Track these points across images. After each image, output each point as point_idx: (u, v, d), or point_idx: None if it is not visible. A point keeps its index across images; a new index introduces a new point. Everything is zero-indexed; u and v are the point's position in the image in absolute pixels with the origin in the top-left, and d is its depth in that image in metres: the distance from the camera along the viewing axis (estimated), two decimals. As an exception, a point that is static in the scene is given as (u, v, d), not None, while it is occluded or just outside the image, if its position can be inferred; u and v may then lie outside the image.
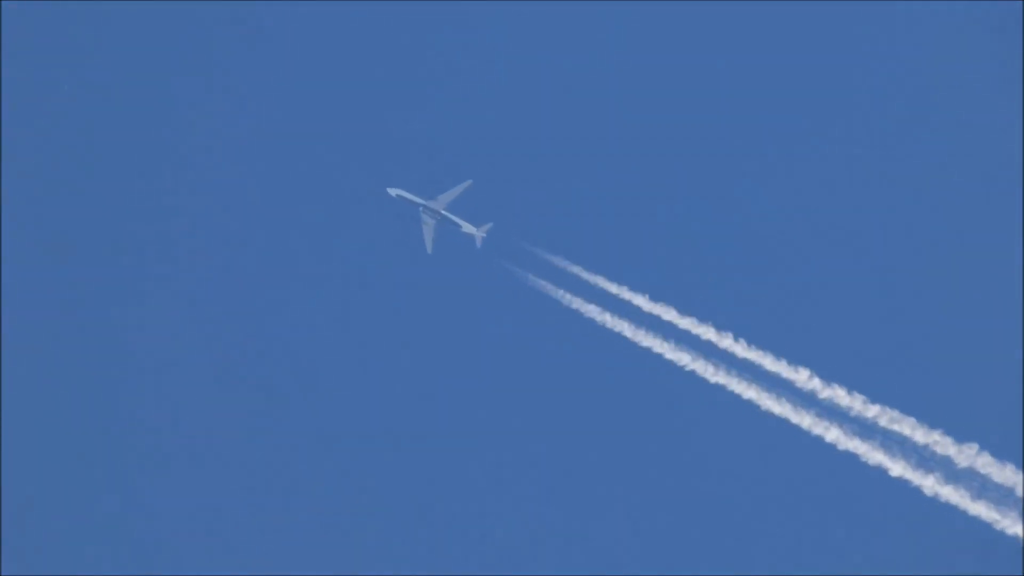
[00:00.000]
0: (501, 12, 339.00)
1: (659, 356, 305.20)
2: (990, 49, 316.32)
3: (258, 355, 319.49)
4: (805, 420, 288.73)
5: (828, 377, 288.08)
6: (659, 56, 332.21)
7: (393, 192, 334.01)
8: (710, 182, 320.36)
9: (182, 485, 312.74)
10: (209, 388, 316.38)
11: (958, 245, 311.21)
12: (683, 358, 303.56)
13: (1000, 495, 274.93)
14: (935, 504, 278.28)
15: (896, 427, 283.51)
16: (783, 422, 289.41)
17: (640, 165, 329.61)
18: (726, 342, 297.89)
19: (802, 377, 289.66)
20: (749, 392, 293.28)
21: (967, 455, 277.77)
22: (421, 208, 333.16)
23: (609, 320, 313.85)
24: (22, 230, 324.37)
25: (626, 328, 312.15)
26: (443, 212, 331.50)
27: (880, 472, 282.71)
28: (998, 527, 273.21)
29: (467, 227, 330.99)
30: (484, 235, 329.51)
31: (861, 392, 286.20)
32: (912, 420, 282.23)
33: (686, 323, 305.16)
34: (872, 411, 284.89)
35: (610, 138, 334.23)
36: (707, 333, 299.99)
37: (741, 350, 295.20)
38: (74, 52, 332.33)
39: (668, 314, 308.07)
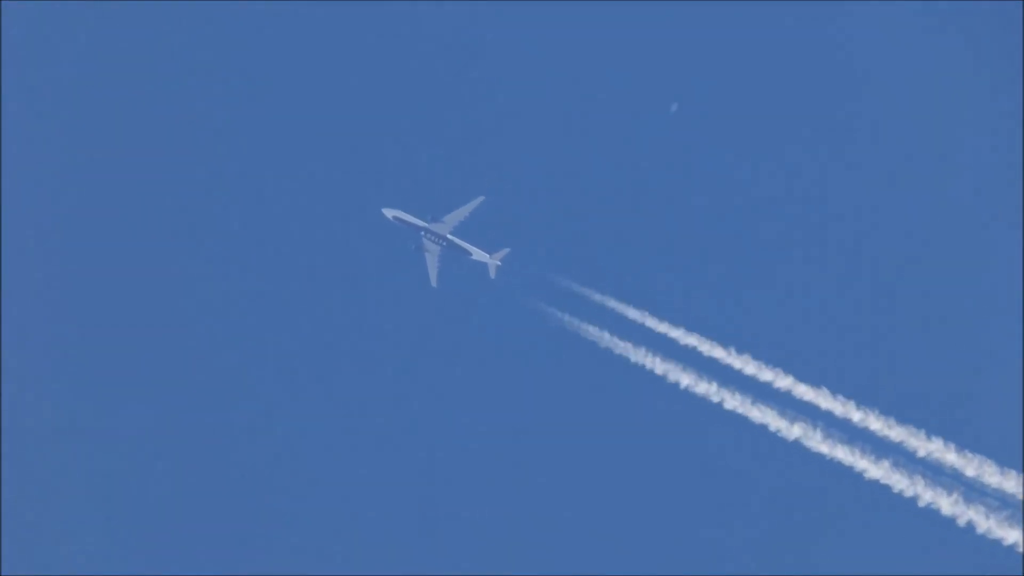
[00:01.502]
0: (526, 11, 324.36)
1: (715, 404, 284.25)
2: (990, 49, 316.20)
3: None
4: (814, 439, 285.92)
5: (846, 394, 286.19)
6: (681, 66, 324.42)
7: (389, 213, 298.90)
8: (721, 192, 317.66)
9: (181, 486, 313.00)
10: (205, 394, 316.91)
11: (958, 245, 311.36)
12: (715, 393, 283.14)
13: (1001, 504, 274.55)
14: (939, 517, 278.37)
15: (900, 438, 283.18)
16: (787, 437, 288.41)
17: (672, 176, 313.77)
18: (730, 357, 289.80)
19: (819, 397, 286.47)
20: (754, 412, 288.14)
21: (970, 465, 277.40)
22: (423, 232, 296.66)
23: (654, 364, 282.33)
24: (22, 230, 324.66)
25: (679, 376, 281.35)
26: (449, 236, 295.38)
27: (886, 488, 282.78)
28: (1000, 538, 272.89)
29: (478, 254, 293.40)
30: (499, 263, 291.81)
31: (873, 406, 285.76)
32: (920, 432, 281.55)
33: (722, 355, 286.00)
34: (877, 423, 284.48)
35: (636, 146, 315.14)
36: (711, 350, 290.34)
37: (742, 363, 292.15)
38: (74, 52, 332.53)
39: (709, 349, 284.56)
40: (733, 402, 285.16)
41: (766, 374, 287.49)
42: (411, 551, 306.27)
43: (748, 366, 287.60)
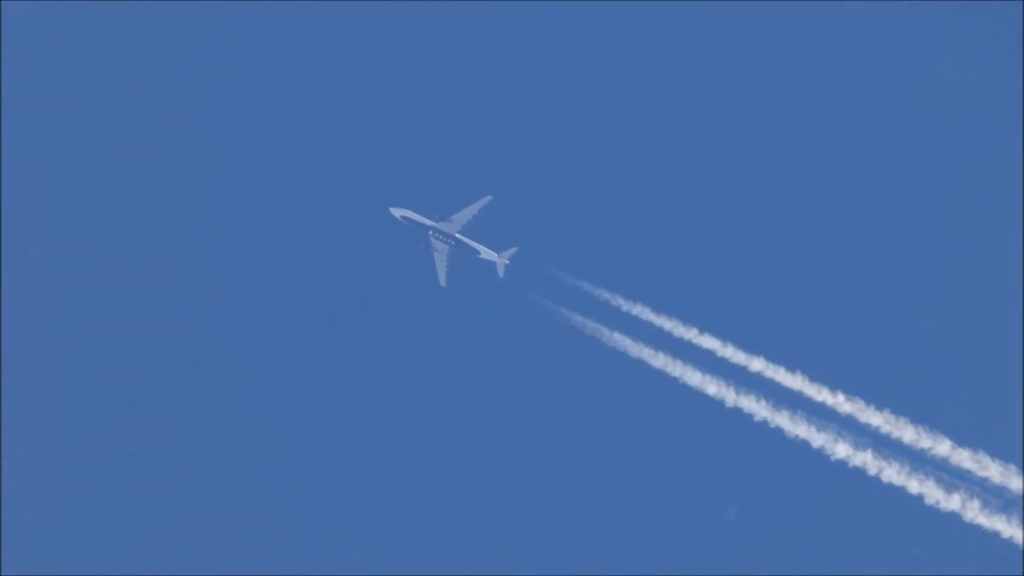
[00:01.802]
0: (534, 10, 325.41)
1: (719, 402, 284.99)
2: (990, 49, 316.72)
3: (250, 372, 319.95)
4: (818, 437, 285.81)
5: (847, 390, 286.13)
6: (685, 64, 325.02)
7: (398, 213, 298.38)
8: (724, 190, 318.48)
9: (181, 486, 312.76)
10: (208, 393, 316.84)
11: (958, 245, 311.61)
12: (724, 394, 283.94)
13: (1002, 500, 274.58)
14: (939, 513, 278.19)
15: (898, 433, 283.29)
16: (788, 432, 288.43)
17: (678, 173, 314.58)
18: (726, 351, 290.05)
19: (821, 394, 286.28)
20: (761, 410, 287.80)
21: (969, 460, 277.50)
22: (431, 232, 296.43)
23: (658, 360, 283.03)
24: (22, 230, 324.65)
25: (678, 370, 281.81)
26: (458, 236, 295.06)
27: (883, 482, 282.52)
28: (1002, 534, 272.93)
29: (487, 253, 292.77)
30: (507, 262, 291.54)
31: (870, 400, 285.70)
32: (923, 427, 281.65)
33: (732, 355, 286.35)
34: (877, 418, 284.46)
35: (644, 145, 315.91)
36: (709, 343, 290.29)
37: (740, 358, 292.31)
38: (74, 52, 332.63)
39: (716, 347, 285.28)
40: (696, 380, 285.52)
41: (769, 368, 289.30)
42: (412, 551, 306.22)
43: (740, 358, 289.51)
